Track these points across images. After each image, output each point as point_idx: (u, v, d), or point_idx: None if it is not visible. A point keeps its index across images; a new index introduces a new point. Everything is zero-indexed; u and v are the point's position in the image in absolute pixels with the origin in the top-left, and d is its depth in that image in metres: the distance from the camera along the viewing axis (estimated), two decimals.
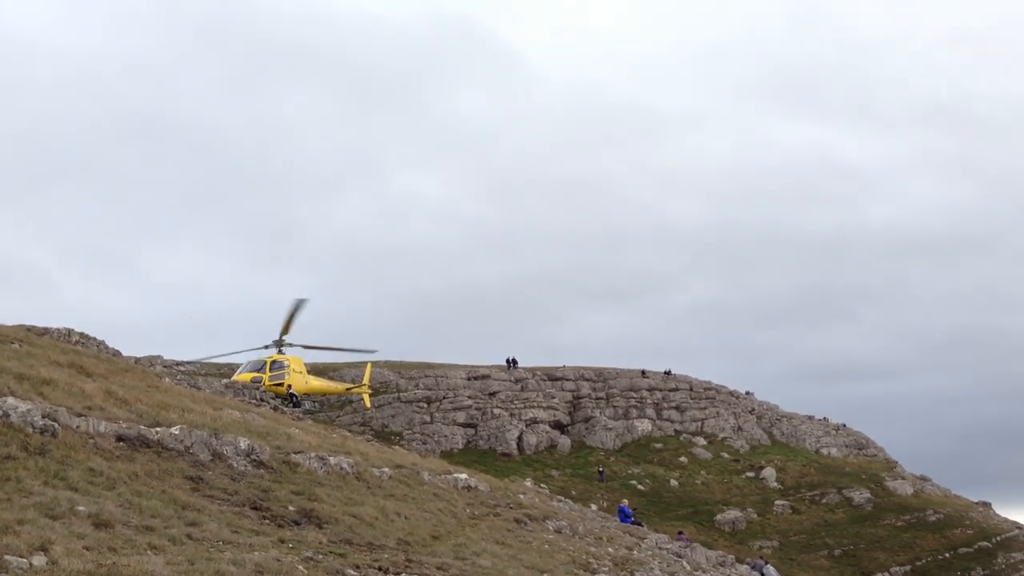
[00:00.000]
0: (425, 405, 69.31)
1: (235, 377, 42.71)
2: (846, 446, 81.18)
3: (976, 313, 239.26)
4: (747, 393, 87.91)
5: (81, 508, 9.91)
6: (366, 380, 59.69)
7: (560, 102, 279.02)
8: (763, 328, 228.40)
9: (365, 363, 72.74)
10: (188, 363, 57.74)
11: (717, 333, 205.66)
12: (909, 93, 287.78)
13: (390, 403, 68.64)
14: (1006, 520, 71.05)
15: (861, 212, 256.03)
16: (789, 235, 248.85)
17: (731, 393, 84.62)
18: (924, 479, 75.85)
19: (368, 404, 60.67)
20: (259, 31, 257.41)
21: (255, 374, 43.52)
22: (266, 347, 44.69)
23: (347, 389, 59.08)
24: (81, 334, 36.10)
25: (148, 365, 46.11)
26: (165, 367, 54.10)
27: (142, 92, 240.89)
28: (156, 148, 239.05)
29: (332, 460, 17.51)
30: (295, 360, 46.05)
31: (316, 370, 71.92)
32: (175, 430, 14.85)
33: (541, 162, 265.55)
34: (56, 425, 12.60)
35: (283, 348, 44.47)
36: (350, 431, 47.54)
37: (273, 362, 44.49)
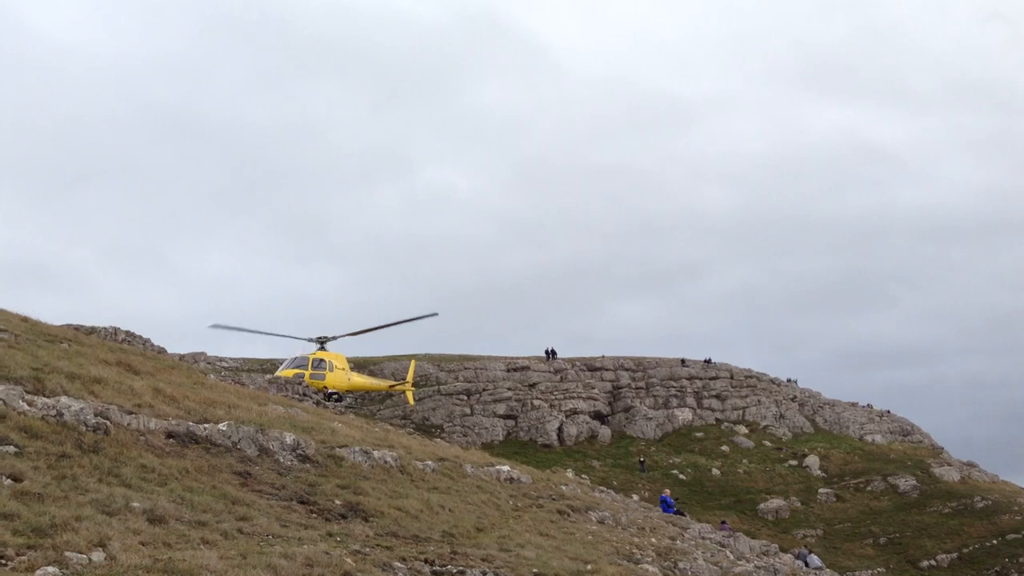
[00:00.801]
0: (465, 397, 69.62)
1: (278, 373, 42.98)
2: (890, 432, 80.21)
3: (1016, 294, 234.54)
4: (789, 381, 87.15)
5: (135, 504, 10.15)
6: (410, 378, 60.04)
7: (587, 92, 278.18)
8: (798, 314, 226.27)
9: (406, 357, 73.33)
10: (232, 359, 58.58)
11: (752, 320, 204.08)
12: (942, 73, 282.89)
13: (430, 396, 69.04)
14: None
15: (896, 194, 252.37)
16: (823, 219, 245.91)
17: (772, 381, 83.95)
18: (971, 465, 74.72)
19: (412, 401, 61.09)
20: (287, 27, 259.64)
21: (298, 370, 43.83)
22: (311, 340, 44.89)
23: (390, 387, 59.48)
24: (127, 332, 36.79)
25: (192, 362, 46.86)
26: (208, 363, 54.93)
27: (174, 90, 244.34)
28: (189, 146, 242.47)
29: (376, 454, 17.72)
30: (338, 358, 46.19)
31: (357, 364, 72.66)
32: (222, 426, 15.13)
33: (569, 153, 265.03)
34: (108, 423, 12.91)
35: (326, 345, 44.65)
36: (392, 425, 47.96)
37: (316, 360, 44.76)
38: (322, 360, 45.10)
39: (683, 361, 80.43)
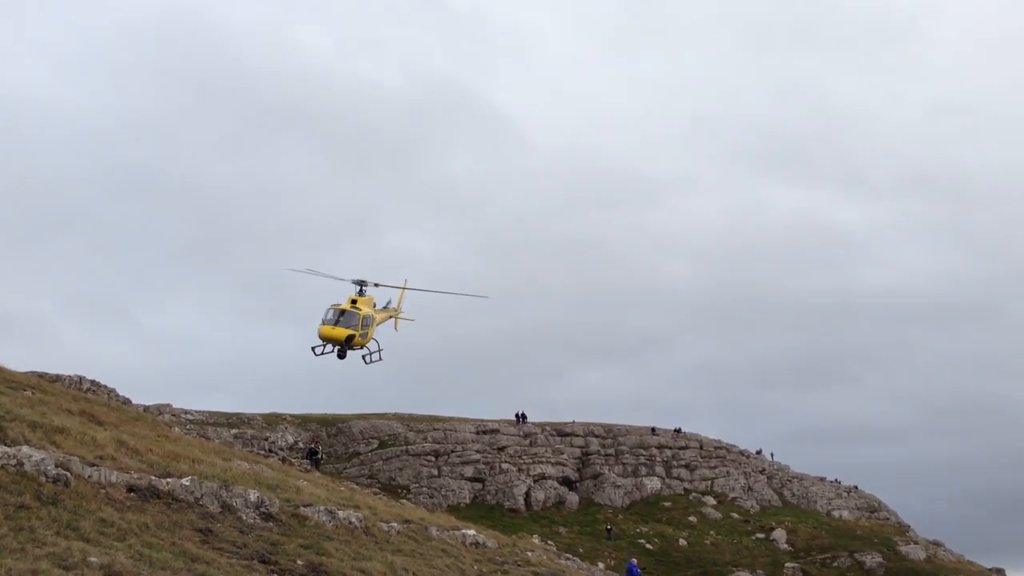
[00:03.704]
0: (433, 458, 68.90)
1: (325, 331, 35.38)
2: (858, 508, 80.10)
3: (977, 380, 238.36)
4: (757, 453, 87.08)
5: (93, 559, 9.95)
6: (399, 303, 50.90)
7: (552, 165, 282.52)
8: (763, 389, 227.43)
9: (375, 416, 72.83)
10: (198, 412, 57.67)
11: (718, 392, 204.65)
12: (896, 162, 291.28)
13: (398, 456, 68.24)
14: None
15: (856, 277, 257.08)
16: (785, 298, 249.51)
17: (741, 453, 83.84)
18: (937, 544, 74.63)
19: (396, 327, 50.68)
20: (256, 92, 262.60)
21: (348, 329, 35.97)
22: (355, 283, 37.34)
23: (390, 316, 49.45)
24: (92, 381, 36.32)
25: (157, 414, 46.26)
26: (173, 416, 54.21)
27: (142, 149, 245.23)
28: (155, 203, 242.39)
29: (341, 514, 17.49)
30: (367, 302, 37.84)
31: (325, 421, 71.94)
32: (186, 481, 14.90)
33: (535, 223, 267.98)
34: (68, 475, 12.69)
35: (364, 289, 37.31)
36: (358, 484, 47.35)
37: (343, 312, 36.37)
38: (353, 313, 36.55)
39: (653, 430, 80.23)
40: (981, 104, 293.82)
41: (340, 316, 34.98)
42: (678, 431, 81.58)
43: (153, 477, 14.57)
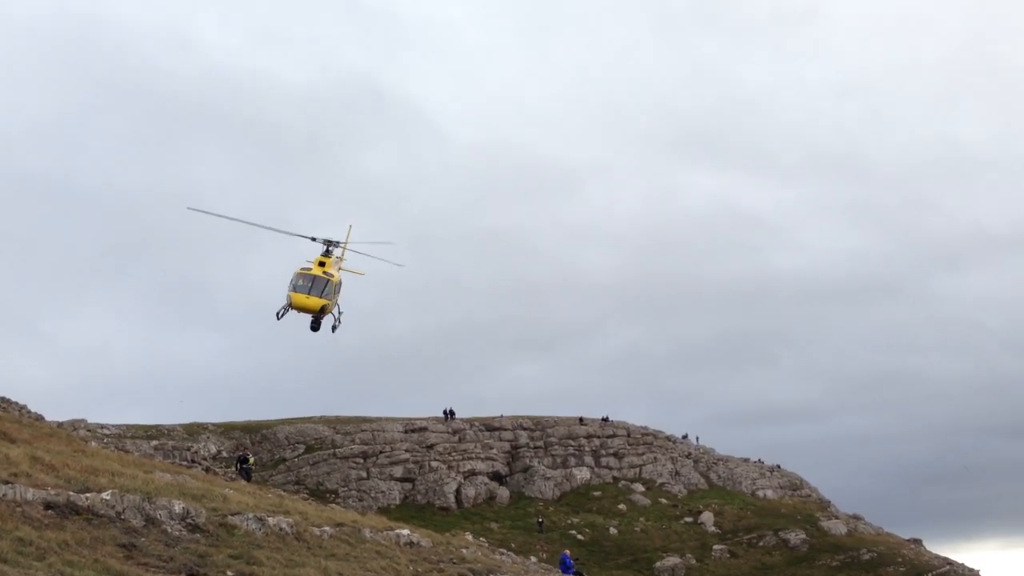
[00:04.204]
0: (361, 460, 68.19)
1: (297, 300, 32.62)
2: (781, 487, 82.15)
3: (887, 355, 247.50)
4: (684, 437, 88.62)
5: None
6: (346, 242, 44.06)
7: (469, 158, 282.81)
8: (686, 373, 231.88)
9: (301, 420, 71.83)
10: (114, 426, 55.73)
11: (642, 379, 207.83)
12: (803, 145, 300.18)
13: (325, 460, 67.33)
14: (936, 556, 72.57)
15: (770, 259, 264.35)
16: (703, 282, 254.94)
17: (668, 438, 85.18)
18: (857, 518, 77.07)
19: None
20: (163, 92, 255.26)
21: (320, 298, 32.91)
22: (315, 241, 34.10)
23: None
24: (1, 398, 34.84)
25: (72, 429, 44.66)
26: (89, 431, 52.42)
27: (46, 154, 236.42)
28: (61, 210, 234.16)
29: (271, 521, 17.10)
30: (334, 263, 34.59)
31: (249, 428, 70.54)
32: (106, 495, 14.37)
33: (454, 218, 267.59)
34: None
35: (331, 249, 34.05)
36: (285, 491, 46.52)
37: (315, 279, 33.30)
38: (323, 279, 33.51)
39: (581, 420, 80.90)
40: (882, 85, 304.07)
41: (312, 283, 32.57)
42: (605, 420, 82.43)
43: (71, 493, 14.00)
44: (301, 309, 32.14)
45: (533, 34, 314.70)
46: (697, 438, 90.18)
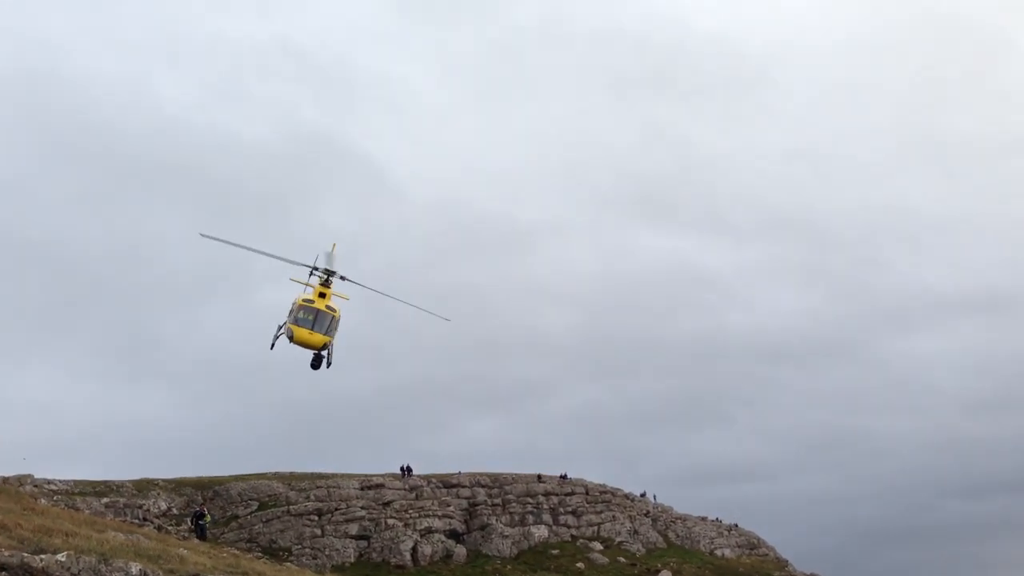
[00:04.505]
0: (316, 518, 66.85)
1: (298, 334, 30.98)
2: (739, 546, 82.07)
3: (838, 415, 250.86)
4: (642, 495, 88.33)
5: None
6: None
7: (426, 216, 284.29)
8: (643, 431, 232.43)
9: (254, 476, 70.47)
10: (62, 481, 54.15)
11: (599, 437, 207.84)
12: (756, 206, 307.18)
13: (279, 517, 65.90)
14: None
15: (726, 319, 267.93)
16: (660, 341, 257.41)
17: (626, 496, 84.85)
18: None
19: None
20: (116, 147, 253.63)
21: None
22: (313, 270, 32.21)
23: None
24: None
25: (19, 484, 43.38)
26: (36, 487, 50.94)
27: None
28: (8, 265, 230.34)
29: None
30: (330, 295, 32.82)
31: (201, 484, 68.98)
32: (61, 557, 13.94)
33: (411, 275, 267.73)
34: None
35: (331, 280, 32.11)
36: (237, 548, 45.46)
37: (319, 313, 31.74)
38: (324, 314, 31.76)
39: (539, 477, 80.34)
40: (831, 149, 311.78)
41: (316, 318, 30.62)
42: (564, 477, 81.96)
43: (25, 554, 13.56)
44: (303, 345, 30.71)
45: (490, 94, 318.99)
46: (655, 496, 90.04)
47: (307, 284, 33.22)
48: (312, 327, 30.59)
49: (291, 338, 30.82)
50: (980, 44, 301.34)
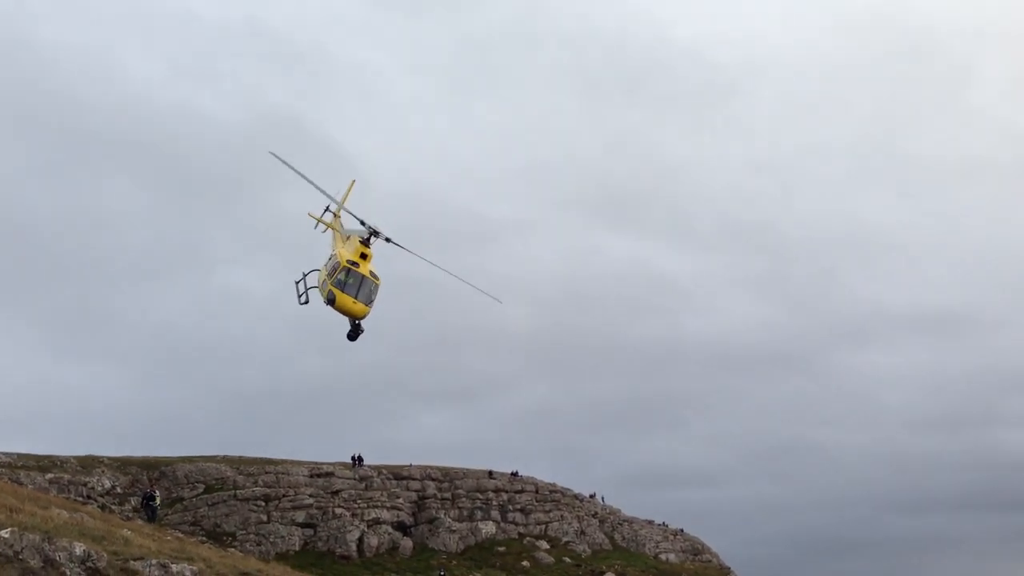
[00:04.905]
0: (263, 503, 66.24)
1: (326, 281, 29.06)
2: (683, 551, 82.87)
3: (788, 425, 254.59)
4: (591, 496, 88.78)
5: None
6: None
7: (392, 205, 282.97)
8: (596, 433, 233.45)
9: (201, 458, 69.77)
10: (4, 454, 53.09)
11: (552, 436, 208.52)
12: (719, 215, 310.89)
13: (225, 501, 65.16)
14: None
15: (684, 324, 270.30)
16: (618, 343, 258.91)
17: (576, 496, 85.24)
18: None
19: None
20: (79, 120, 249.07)
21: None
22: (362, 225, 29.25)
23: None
24: None
25: None
26: None
27: None
28: None
29: (175, 568, 16.48)
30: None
31: (147, 464, 67.98)
32: (5, 533, 13.67)
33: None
34: None
35: (371, 240, 29.56)
36: (181, 531, 44.89)
37: (364, 280, 29.39)
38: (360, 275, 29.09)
39: (490, 473, 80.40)
40: (793, 163, 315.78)
41: (361, 285, 28.49)
42: (515, 475, 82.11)
43: None
44: (343, 312, 28.98)
45: (461, 89, 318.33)
46: (603, 497, 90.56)
47: (319, 220, 32.07)
48: (356, 295, 28.56)
49: (331, 302, 28.75)
50: (945, 69, 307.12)
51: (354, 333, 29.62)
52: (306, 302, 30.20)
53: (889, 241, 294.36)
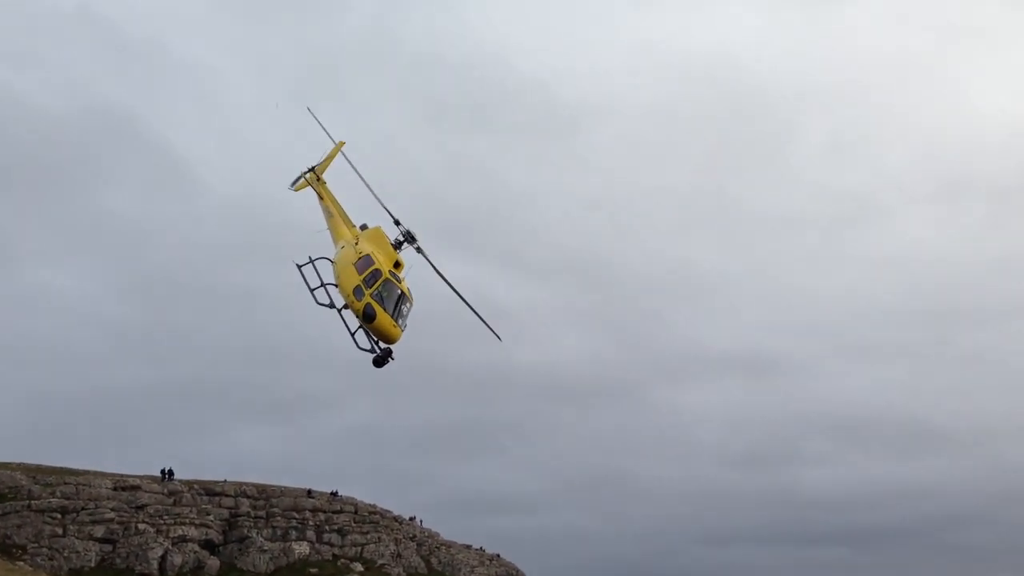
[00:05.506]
0: (59, 516, 62.02)
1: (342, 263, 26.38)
2: None
3: (607, 457, 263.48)
4: (411, 519, 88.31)
5: None
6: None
7: (225, 213, 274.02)
8: (418, 456, 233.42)
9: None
10: None
11: (373, 457, 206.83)
12: (553, 248, 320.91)
13: (18, 511, 60.55)
14: None
15: (512, 352, 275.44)
16: (443, 367, 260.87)
17: (395, 518, 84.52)
18: None
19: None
20: None
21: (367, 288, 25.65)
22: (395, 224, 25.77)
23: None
24: None
25: None
26: None
27: None
28: None
29: None
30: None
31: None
32: None
33: (198, 271, 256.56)
34: None
35: (402, 247, 26.45)
36: None
37: (403, 297, 26.62)
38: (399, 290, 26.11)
39: (309, 492, 78.58)
40: (627, 204, 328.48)
41: (398, 303, 25.45)
42: (335, 494, 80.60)
43: None
44: (379, 335, 25.98)
45: (304, 100, 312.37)
46: (421, 521, 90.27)
47: (298, 179, 29.21)
48: (394, 315, 25.34)
49: (369, 319, 25.31)
50: (773, 125, 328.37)
51: (383, 360, 26.52)
52: (331, 305, 26.60)
53: (712, 285, 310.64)
